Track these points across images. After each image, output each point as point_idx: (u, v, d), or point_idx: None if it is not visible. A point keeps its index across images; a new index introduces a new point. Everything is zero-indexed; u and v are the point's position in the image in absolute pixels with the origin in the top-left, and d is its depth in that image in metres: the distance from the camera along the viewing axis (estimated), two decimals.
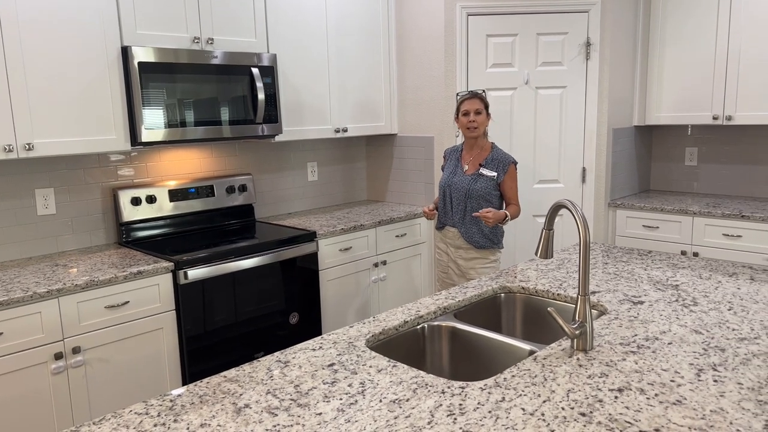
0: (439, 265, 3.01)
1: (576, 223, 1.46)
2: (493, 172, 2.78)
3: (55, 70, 2.45)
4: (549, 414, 1.20)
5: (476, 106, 2.76)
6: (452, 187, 2.84)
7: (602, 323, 1.69)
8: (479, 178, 2.78)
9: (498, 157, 2.80)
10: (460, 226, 2.84)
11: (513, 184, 2.82)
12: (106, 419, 1.24)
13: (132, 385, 2.48)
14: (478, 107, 2.76)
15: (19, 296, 2.15)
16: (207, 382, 1.40)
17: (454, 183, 2.84)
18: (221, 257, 2.70)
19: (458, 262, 2.88)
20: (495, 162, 2.79)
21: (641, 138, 4.09)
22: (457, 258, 2.88)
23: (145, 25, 2.68)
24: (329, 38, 3.46)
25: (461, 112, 2.80)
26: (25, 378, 2.21)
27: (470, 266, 2.85)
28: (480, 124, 2.77)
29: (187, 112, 2.78)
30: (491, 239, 2.84)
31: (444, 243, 2.94)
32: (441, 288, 3.02)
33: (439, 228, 2.96)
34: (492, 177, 2.78)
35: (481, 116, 2.77)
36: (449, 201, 2.87)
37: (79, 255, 2.74)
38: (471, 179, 2.79)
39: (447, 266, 2.95)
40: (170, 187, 3.08)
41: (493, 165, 2.79)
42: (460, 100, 2.82)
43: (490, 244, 2.83)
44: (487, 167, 2.79)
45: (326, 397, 1.31)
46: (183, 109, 2.76)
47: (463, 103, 2.79)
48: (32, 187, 2.72)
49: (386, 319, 1.79)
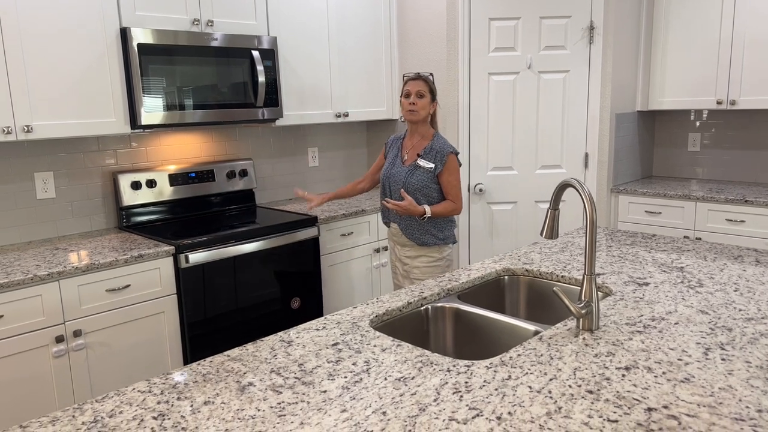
0: (390, 262, 2.81)
1: (582, 201, 1.45)
2: (430, 163, 2.52)
3: (54, 51, 2.42)
4: (556, 391, 1.19)
5: (419, 87, 2.51)
6: (391, 178, 2.60)
7: (608, 304, 1.68)
8: (416, 169, 2.53)
9: (437, 146, 2.53)
10: (399, 222, 2.59)
11: (451, 178, 2.54)
12: (108, 397, 1.23)
13: (133, 369, 2.47)
14: (421, 89, 2.51)
15: (20, 279, 2.14)
16: (210, 361, 1.39)
17: (392, 175, 2.60)
18: (222, 241, 2.69)
19: (403, 261, 2.65)
20: (433, 152, 2.52)
21: (644, 123, 4.06)
22: (402, 256, 2.65)
23: (144, 5, 2.65)
24: (330, 22, 3.42)
25: (404, 93, 2.55)
26: (27, 361, 2.20)
27: (414, 265, 2.60)
28: (421, 108, 2.52)
29: (187, 95, 2.75)
30: (435, 235, 2.57)
31: (391, 240, 2.72)
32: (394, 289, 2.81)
33: (387, 224, 2.72)
34: (429, 169, 2.51)
35: (423, 100, 2.52)
36: (389, 194, 2.63)
37: (79, 239, 2.72)
38: (408, 171, 2.55)
39: (394, 264, 2.73)
40: (170, 171, 3.06)
41: (431, 155, 2.52)
42: (405, 80, 2.58)
43: (434, 241, 2.57)
44: (425, 158, 2.53)
45: (331, 376, 1.29)
46: (183, 92, 2.73)
47: (407, 83, 2.55)
48: (31, 171, 2.70)
49: (390, 300, 1.78)
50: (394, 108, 3.86)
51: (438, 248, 2.59)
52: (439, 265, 2.60)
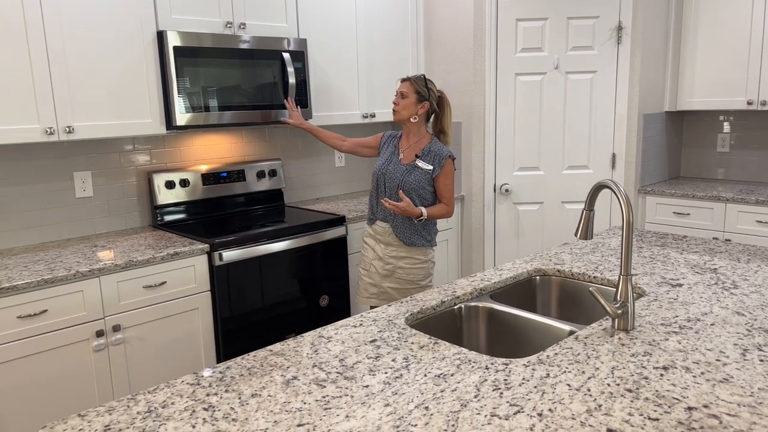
0: (363, 261, 2.71)
1: (619, 202, 1.46)
2: (429, 165, 2.55)
3: (94, 54, 2.50)
4: (595, 390, 1.21)
5: (403, 89, 2.56)
6: (386, 176, 2.60)
7: (642, 305, 1.69)
8: (414, 169, 2.55)
9: (436, 149, 2.57)
10: (392, 221, 2.58)
11: (447, 181, 2.57)
12: (160, 389, 1.28)
13: (169, 364, 2.54)
14: (405, 90, 2.56)
15: (63, 275, 2.21)
16: (254, 355, 1.43)
17: (388, 172, 2.60)
18: (253, 240, 2.74)
19: (386, 260, 2.60)
20: (432, 154, 2.56)
21: (672, 124, 4.04)
22: (386, 256, 2.60)
23: (180, 9, 2.71)
24: (358, 23, 3.46)
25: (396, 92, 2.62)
26: (69, 354, 2.27)
27: (399, 266, 2.59)
28: (402, 108, 2.55)
29: (219, 96, 2.81)
30: (424, 237, 2.60)
31: (373, 239, 2.66)
32: (358, 289, 2.74)
33: (370, 221, 2.69)
34: (428, 170, 2.55)
35: (405, 100, 2.54)
36: (382, 191, 2.62)
37: (115, 237, 2.80)
38: (406, 170, 2.56)
39: (370, 264, 2.66)
40: (202, 171, 3.13)
41: (430, 157, 2.56)
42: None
43: (422, 242, 2.59)
44: (424, 159, 2.56)
45: (371, 371, 1.33)
46: (215, 93, 2.79)
47: (399, 84, 2.63)
48: (71, 170, 2.78)
49: (423, 298, 1.81)
50: None
51: (424, 250, 2.61)
52: (425, 267, 2.62)
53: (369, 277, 2.67)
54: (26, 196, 2.67)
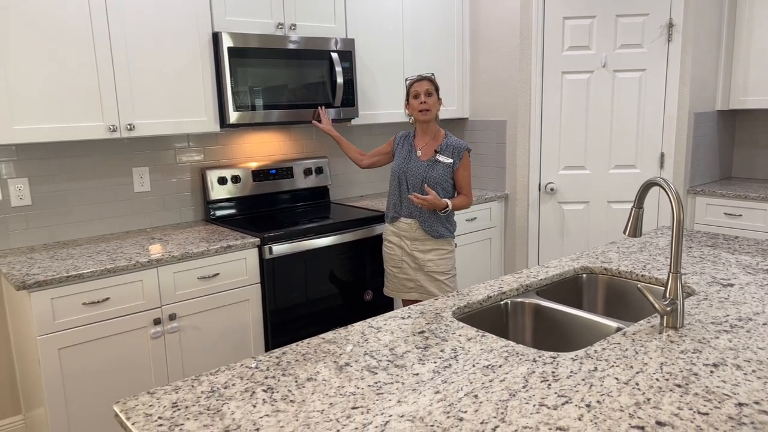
0: (390, 260, 2.81)
1: (669, 199, 1.46)
2: (449, 158, 2.66)
3: (153, 56, 2.62)
4: (643, 384, 1.22)
5: (426, 87, 2.64)
6: (408, 173, 2.69)
7: (691, 303, 1.68)
8: (435, 164, 2.66)
9: (453, 143, 2.68)
10: (418, 216, 2.68)
11: (466, 173, 2.70)
12: (221, 371, 1.35)
13: (220, 354, 2.64)
14: (429, 88, 2.64)
15: (124, 265, 2.33)
16: (308, 342, 1.50)
17: (410, 170, 2.69)
18: (301, 235, 2.82)
19: (414, 255, 2.71)
20: (450, 148, 2.67)
21: (724, 123, 3.94)
22: (414, 251, 2.71)
23: (234, 11, 2.81)
24: (404, 22, 3.51)
25: (412, 94, 2.67)
26: (128, 340, 2.39)
27: (428, 258, 2.70)
28: (431, 106, 2.64)
29: (270, 95, 2.90)
30: (448, 228, 2.72)
31: (397, 236, 2.76)
32: (392, 286, 2.83)
33: (392, 219, 2.77)
34: (448, 164, 2.66)
35: (432, 98, 2.65)
36: (405, 189, 2.70)
37: (171, 230, 2.92)
38: (427, 165, 2.66)
39: (401, 260, 2.76)
40: (252, 168, 3.23)
41: (449, 151, 2.67)
42: (410, 83, 2.69)
43: (448, 233, 2.71)
44: (443, 153, 2.67)
45: (421, 360, 1.37)
46: (266, 92, 2.89)
47: (413, 85, 2.67)
48: (130, 166, 2.92)
49: (470, 293, 1.84)
50: (465, 106, 3.91)
51: (449, 240, 2.74)
52: (450, 257, 2.74)
53: (403, 273, 2.78)
54: (89, 191, 2.82)
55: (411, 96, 2.68)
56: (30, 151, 2.65)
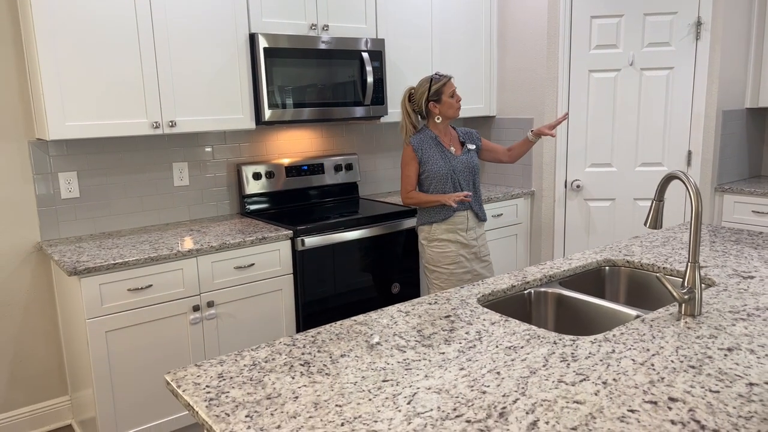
0: (445, 259, 2.77)
1: (688, 191, 1.52)
2: (473, 144, 2.89)
3: (194, 55, 2.76)
4: (658, 365, 1.29)
5: (456, 85, 2.89)
6: (456, 170, 2.76)
7: (710, 293, 1.73)
8: (470, 153, 2.85)
9: (464, 132, 2.91)
10: (474, 204, 2.82)
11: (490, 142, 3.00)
12: (261, 347, 1.46)
13: (254, 341, 2.76)
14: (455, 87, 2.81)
15: (166, 254, 2.47)
16: (340, 324, 1.60)
17: (456, 166, 2.76)
18: (332, 228, 2.93)
19: (470, 244, 2.80)
20: (467, 136, 2.90)
21: (753, 121, 3.92)
22: (470, 241, 2.80)
23: (270, 13, 2.94)
24: (433, 23, 3.59)
25: (447, 94, 2.70)
26: (169, 325, 2.53)
27: (481, 243, 2.87)
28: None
29: (303, 94, 3.02)
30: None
31: (452, 233, 2.76)
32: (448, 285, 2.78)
33: (444, 218, 2.75)
34: (475, 149, 2.90)
35: None
36: (457, 185, 2.77)
37: (208, 222, 3.06)
38: (467, 157, 2.83)
39: (458, 255, 2.77)
40: (286, 164, 3.35)
41: (469, 138, 2.90)
42: (442, 83, 2.70)
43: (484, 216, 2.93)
44: (467, 142, 2.87)
45: (447, 341, 1.46)
46: (299, 91, 3.00)
47: (446, 85, 2.71)
48: (170, 161, 3.07)
49: (494, 282, 1.92)
50: (492, 104, 3.97)
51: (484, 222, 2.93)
52: (486, 237, 2.94)
53: (460, 267, 2.78)
54: (132, 185, 2.97)
55: (445, 95, 2.70)
56: (78, 146, 2.81)
